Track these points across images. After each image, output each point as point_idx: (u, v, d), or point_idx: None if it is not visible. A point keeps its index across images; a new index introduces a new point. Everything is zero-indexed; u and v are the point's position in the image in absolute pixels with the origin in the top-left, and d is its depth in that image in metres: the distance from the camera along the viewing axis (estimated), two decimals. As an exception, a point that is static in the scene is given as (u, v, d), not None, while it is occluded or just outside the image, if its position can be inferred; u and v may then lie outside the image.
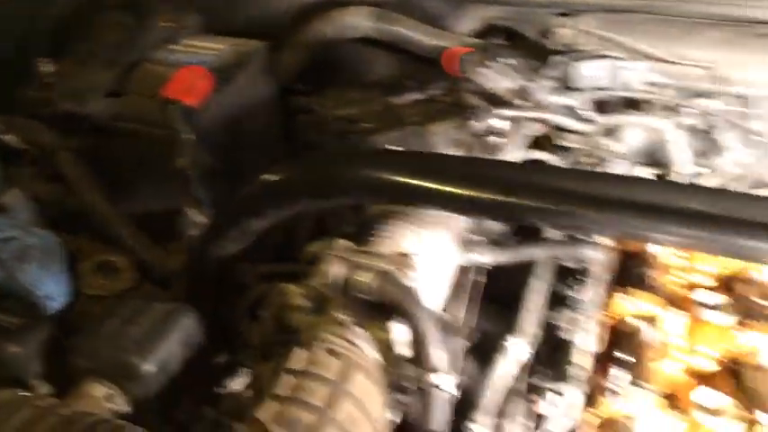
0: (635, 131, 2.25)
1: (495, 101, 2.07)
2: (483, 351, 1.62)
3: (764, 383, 1.57)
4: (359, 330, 1.48)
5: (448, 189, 1.41)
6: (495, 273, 1.78)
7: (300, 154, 2.40)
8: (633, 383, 1.51)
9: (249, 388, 1.48)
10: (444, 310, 1.65)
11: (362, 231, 1.71)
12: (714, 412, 1.44)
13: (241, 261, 1.82)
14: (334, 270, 1.49)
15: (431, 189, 1.43)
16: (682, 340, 1.69)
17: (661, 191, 1.33)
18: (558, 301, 1.74)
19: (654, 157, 2.30)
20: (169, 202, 2.07)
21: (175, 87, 2.16)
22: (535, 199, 1.37)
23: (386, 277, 1.42)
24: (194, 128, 2.07)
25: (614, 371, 1.50)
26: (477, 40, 2.40)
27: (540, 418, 1.40)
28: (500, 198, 1.39)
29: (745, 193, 1.71)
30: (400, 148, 1.91)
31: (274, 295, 1.61)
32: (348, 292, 1.45)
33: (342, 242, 1.59)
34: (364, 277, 1.41)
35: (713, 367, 1.65)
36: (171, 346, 1.51)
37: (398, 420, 1.56)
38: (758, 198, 1.34)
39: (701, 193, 1.36)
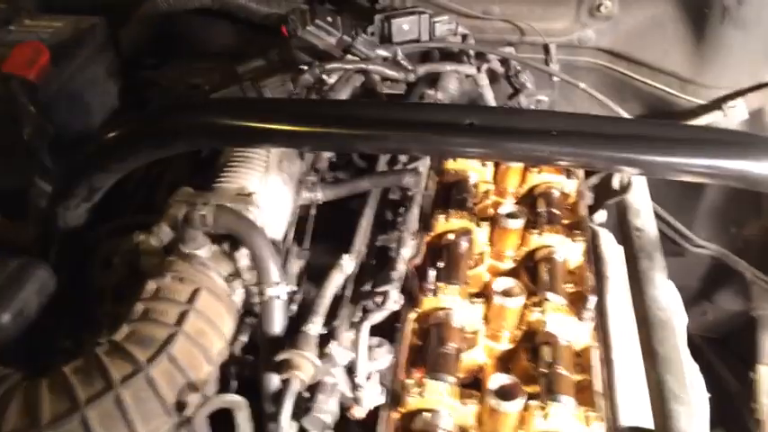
0: (452, 79, 2.54)
1: (323, 56, 2.29)
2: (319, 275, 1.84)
3: (552, 274, 1.91)
4: (205, 261, 1.67)
5: (277, 127, 1.61)
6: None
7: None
8: (448, 283, 1.79)
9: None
10: (285, 241, 1.86)
11: (208, 180, 1.88)
12: (506, 293, 1.75)
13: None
14: (177, 211, 1.66)
15: (263, 129, 1.62)
16: (488, 247, 2.00)
17: (446, 112, 1.60)
18: (384, 224, 2.01)
19: (471, 100, 2.61)
20: (18, 177, 2.14)
21: (14, 63, 2.22)
22: (354, 128, 1.60)
23: (221, 210, 1.61)
24: (36, 101, 2.15)
25: (432, 274, 1.77)
26: (304, 6, 2.60)
27: (364, 314, 1.64)
28: (324, 130, 1.61)
29: (515, 108, 2.04)
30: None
31: (125, 243, 1.76)
32: (190, 228, 1.62)
33: (186, 189, 1.77)
34: (203, 211, 1.59)
35: (512, 265, 1.98)
36: (27, 296, 1.63)
37: (247, 340, 1.77)
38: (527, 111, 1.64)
39: (481, 111, 1.65)
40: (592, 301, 1.71)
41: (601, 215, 2.44)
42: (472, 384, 1.73)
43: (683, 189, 2.67)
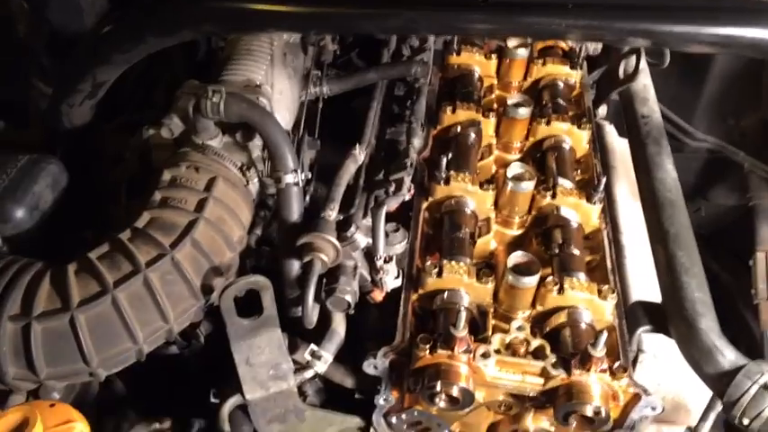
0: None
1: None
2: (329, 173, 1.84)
3: (560, 161, 1.92)
4: (219, 150, 1.66)
5: (283, 8, 1.56)
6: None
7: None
8: (457, 171, 1.80)
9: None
10: (296, 133, 1.85)
11: (215, 72, 1.85)
12: (518, 178, 1.77)
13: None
14: (187, 102, 1.64)
15: (268, 11, 1.57)
16: (495, 140, 2.00)
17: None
18: (392, 116, 2.00)
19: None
20: (18, 85, 2.08)
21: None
22: (361, 6, 1.55)
23: (233, 97, 1.58)
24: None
25: (443, 161, 1.77)
26: None
27: (380, 201, 1.65)
28: (331, 10, 1.57)
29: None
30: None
31: (135, 138, 1.74)
32: (201, 117, 1.60)
33: (192, 81, 1.73)
34: (214, 98, 1.56)
35: (519, 156, 1.99)
36: (40, 190, 1.62)
37: (261, 233, 1.79)
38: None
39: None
40: (602, 182, 1.74)
41: (602, 109, 2.44)
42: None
43: (682, 83, 2.67)
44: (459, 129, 1.98)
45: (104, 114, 1.91)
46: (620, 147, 2.28)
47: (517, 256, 1.57)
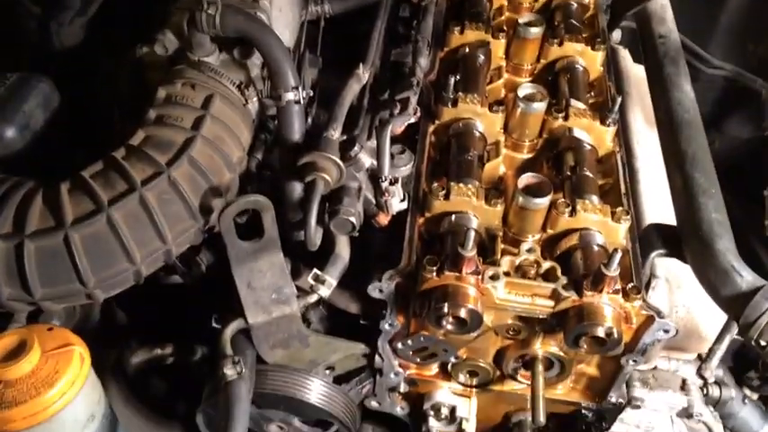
0: None
1: None
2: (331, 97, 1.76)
3: (572, 83, 1.84)
4: (216, 67, 1.58)
5: None
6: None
7: None
8: (465, 93, 1.72)
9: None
10: (297, 51, 1.77)
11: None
12: (531, 97, 1.69)
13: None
14: (181, 17, 1.55)
15: None
16: (504, 62, 1.92)
17: None
18: (397, 38, 1.91)
19: None
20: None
21: None
22: None
23: (229, 9, 1.49)
24: None
25: (451, 82, 1.69)
26: None
27: (385, 120, 1.58)
28: None
29: None
30: None
31: (128, 57, 1.66)
32: (197, 32, 1.51)
33: (186, -4, 1.64)
34: (210, 10, 1.47)
35: (530, 79, 1.91)
36: (31, 109, 1.55)
37: (261, 158, 1.72)
38: None
39: None
40: (617, 102, 1.66)
41: (616, 34, 2.34)
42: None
43: (698, 7, 2.55)
44: (467, 50, 1.89)
45: (98, 36, 1.83)
46: (634, 72, 2.19)
47: (528, 177, 1.51)
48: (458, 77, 1.78)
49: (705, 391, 1.78)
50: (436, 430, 1.72)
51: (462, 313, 1.38)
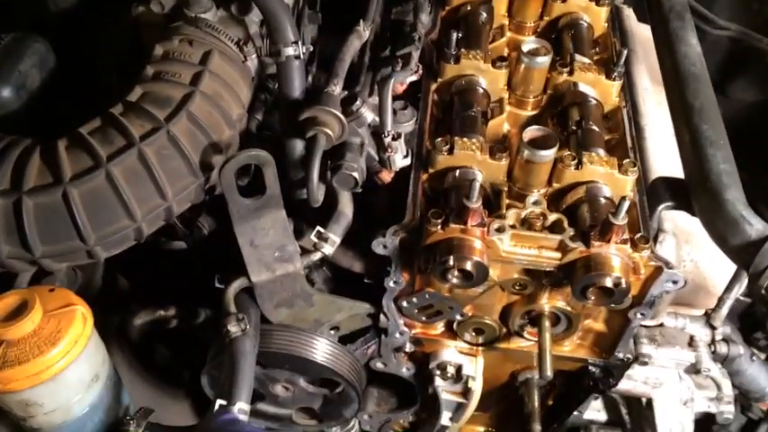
0: None
1: None
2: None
3: (577, 39, 1.81)
4: (214, 24, 1.55)
5: None
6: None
7: None
8: (468, 50, 1.69)
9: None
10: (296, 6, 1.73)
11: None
12: (535, 52, 1.66)
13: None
14: (178, -28, 1.52)
15: None
16: (507, 20, 1.88)
17: None
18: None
19: None
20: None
21: None
22: None
23: (228, -39, 1.47)
24: None
25: (453, 38, 1.66)
26: None
27: (383, 78, 1.56)
28: None
29: None
30: None
31: (123, 16, 1.63)
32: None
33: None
34: (207, -36, 1.45)
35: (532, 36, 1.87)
36: (26, 69, 1.53)
37: (261, 118, 1.69)
38: None
39: None
40: (622, 55, 1.63)
41: (621, -7, 2.30)
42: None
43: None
44: (469, 8, 1.86)
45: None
46: (639, 31, 2.15)
47: (533, 130, 1.48)
48: (460, 35, 1.75)
49: (713, 348, 1.76)
50: (442, 389, 1.72)
51: (468, 266, 1.36)
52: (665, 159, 1.77)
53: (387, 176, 1.57)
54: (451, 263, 1.35)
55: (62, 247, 1.31)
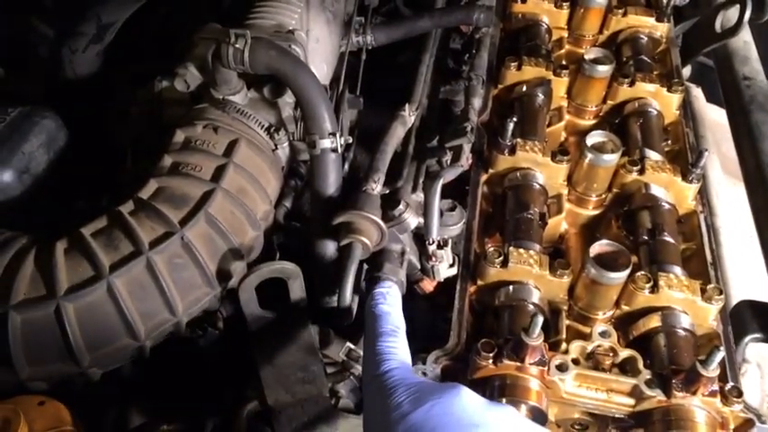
0: None
1: None
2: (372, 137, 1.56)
3: (646, 130, 1.62)
4: (243, 108, 1.39)
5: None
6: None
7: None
8: (525, 139, 1.51)
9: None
10: (335, 89, 1.57)
11: (239, 14, 1.57)
12: (600, 148, 1.47)
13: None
14: (205, 49, 1.36)
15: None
16: (566, 102, 1.70)
17: None
18: (447, 72, 1.70)
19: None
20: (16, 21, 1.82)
21: None
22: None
23: (259, 43, 1.30)
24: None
25: (510, 126, 1.48)
26: None
27: (433, 172, 1.37)
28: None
29: None
30: None
31: (144, 91, 1.48)
32: (222, 67, 1.32)
33: (213, 24, 1.45)
34: (238, 44, 1.28)
35: (594, 122, 1.68)
36: (32, 150, 1.37)
37: (290, 206, 1.52)
38: None
39: None
40: (703, 156, 1.43)
41: (686, 69, 2.11)
42: (552, 256, 1.48)
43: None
44: (524, 88, 1.68)
45: (115, 66, 1.65)
46: (709, 114, 1.95)
47: (601, 245, 1.28)
48: (515, 120, 1.57)
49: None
50: None
51: (523, 411, 1.15)
52: (745, 271, 1.56)
53: (429, 286, 1.38)
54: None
55: (51, 370, 1.13)
